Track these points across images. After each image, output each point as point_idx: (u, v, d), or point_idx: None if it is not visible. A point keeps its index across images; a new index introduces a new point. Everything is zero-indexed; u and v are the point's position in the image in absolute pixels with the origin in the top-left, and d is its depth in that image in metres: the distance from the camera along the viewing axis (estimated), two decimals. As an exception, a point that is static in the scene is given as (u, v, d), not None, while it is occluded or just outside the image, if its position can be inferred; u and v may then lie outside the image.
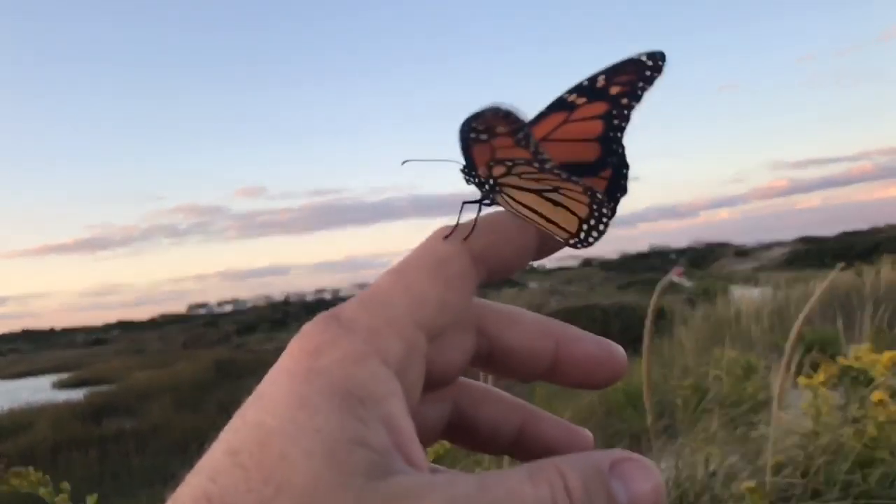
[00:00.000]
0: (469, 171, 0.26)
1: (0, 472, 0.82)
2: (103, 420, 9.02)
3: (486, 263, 0.25)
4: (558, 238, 0.26)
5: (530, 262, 0.27)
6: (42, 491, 0.81)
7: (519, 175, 0.25)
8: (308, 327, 0.22)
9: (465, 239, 0.25)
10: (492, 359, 0.27)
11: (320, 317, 0.22)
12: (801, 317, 1.60)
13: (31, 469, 0.82)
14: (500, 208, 0.26)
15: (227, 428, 0.20)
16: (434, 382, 0.25)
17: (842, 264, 1.79)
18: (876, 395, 1.33)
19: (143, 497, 5.34)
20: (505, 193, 0.26)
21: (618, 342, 0.28)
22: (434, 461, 0.28)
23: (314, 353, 0.21)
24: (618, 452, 0.22)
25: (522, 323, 0.27)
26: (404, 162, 0.27)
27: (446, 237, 0.25)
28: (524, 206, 0.26)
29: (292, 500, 0.18)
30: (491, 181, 0.26)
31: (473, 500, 0.19)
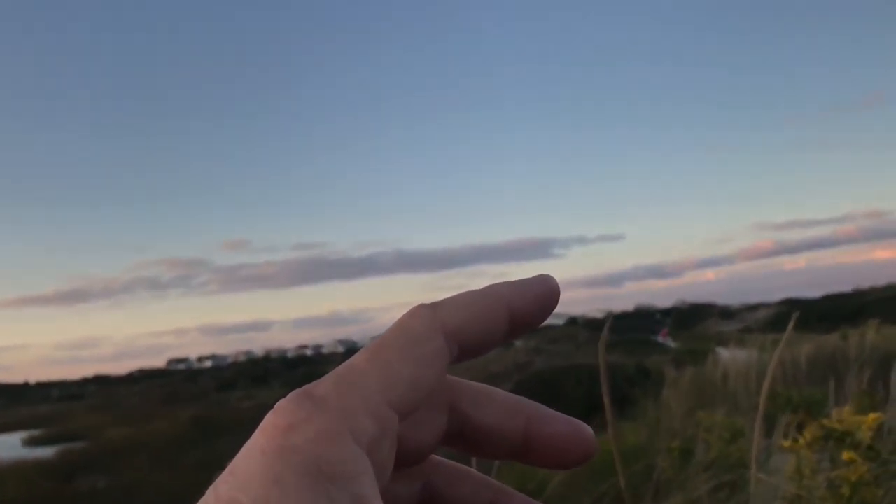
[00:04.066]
0: None
1: None
2: (76, 478, 8.73)
3: (458, 342, 0.25)
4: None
5: (501, 343, 0.27)
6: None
7: None
8: (282, 404, 0.22)
9: (439, 318, 0.25)
10: (463, 437, 0.27)
11: (294, 394, 0.22)
12: (769, 374, 1.60)
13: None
14: (475, 286, 0.27)
15: (200, 502, 0.21)
16: (406, 460, 0.26)
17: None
18: (846, 455, 1.31)
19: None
20: None
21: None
22: None
23: (287, 430, 0.21)
24: None
25: (494, 401, 0.27)
26: None
27: (420, 316, 0.25)
28: None
29: None
30: None
31: None
